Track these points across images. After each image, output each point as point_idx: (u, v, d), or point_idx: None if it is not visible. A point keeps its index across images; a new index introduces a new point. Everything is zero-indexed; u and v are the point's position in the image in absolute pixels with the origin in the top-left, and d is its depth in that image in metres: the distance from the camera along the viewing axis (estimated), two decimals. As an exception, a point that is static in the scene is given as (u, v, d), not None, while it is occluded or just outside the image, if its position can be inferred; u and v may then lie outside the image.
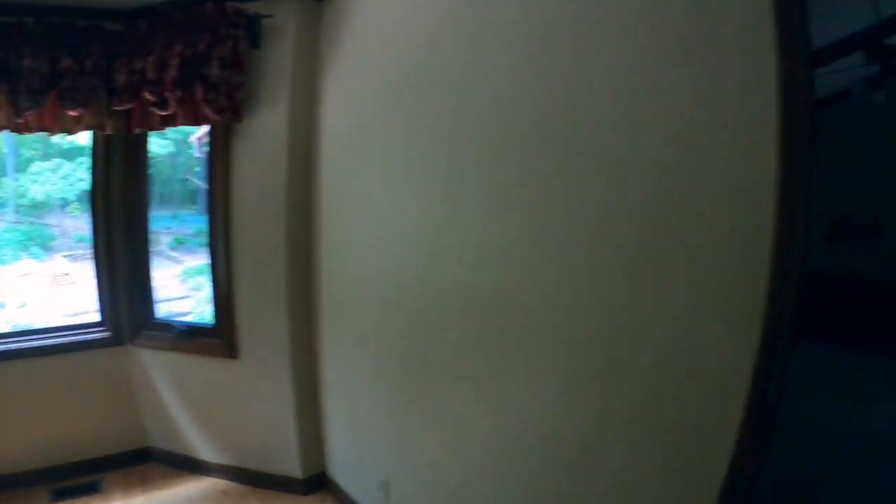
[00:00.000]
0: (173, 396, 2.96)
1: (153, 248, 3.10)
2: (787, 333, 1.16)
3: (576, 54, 1.45)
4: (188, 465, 3.03)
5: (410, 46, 2.03)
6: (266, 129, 2.51)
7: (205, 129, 3.06)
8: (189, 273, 4.22)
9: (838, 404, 4.42)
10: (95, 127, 2.58)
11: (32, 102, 2.39)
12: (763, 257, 1.12)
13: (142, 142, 2.92)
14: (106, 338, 2.95)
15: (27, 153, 6.88)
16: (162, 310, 3.55)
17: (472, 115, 1.78)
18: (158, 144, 3.86)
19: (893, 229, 6.22)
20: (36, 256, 6.21)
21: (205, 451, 2.99)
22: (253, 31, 2.46)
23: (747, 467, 1.22)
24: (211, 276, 2.79)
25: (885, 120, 6.08)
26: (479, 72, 1.75)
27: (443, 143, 1.90)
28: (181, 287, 3.87)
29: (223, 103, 2.42)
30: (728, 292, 1.19)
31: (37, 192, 6.61)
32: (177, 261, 4.09)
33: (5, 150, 7.23)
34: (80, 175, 5.81)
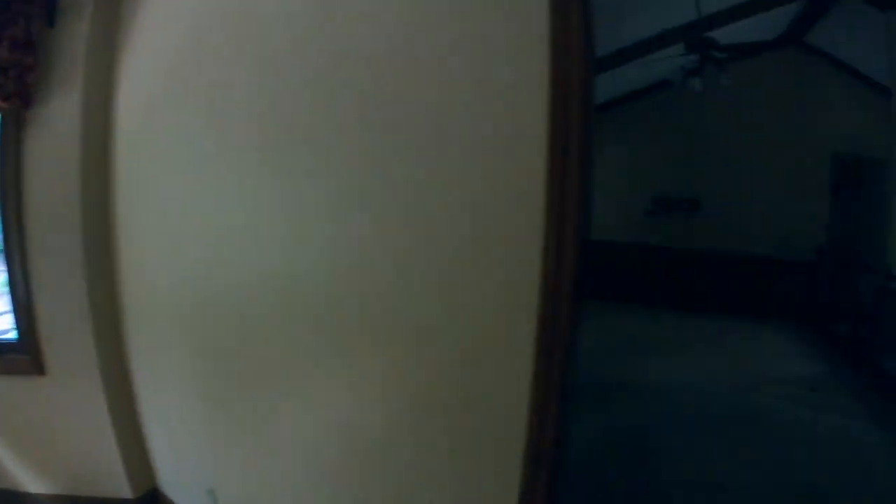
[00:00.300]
0: (-16, 425, 2.60)
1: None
2: (567, 303, 1.20)
3: (367, 33, 1.43)
4: (14, 502, 2.69)
5: (203, 23, 1.90)
6: (59, 116, 2.25)
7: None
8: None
9: (669, 363, 4.85)
10: None
11: None
12: (536, 233, 1.15)
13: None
14: None
15: None
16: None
17: (272, 94, 1.69)
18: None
19: (711, 204, 6.99)
20: None
21: (29, 482, 2.67)
22: (49, 8, 2.20)
23: (546, 424, 1.27)
24: (9, 284, 2.48)
25: (702, 105, 6.72)
26: (273, 50, 1.67)
27: (238, 131, 1.80)
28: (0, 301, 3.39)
29: (11, 88, 2.14)
30: (508, 272, 1.23)
31: None
32: (-6, 272, 3.57)
33: None
34: None
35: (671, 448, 3.23)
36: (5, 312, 3.80)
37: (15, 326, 2.50)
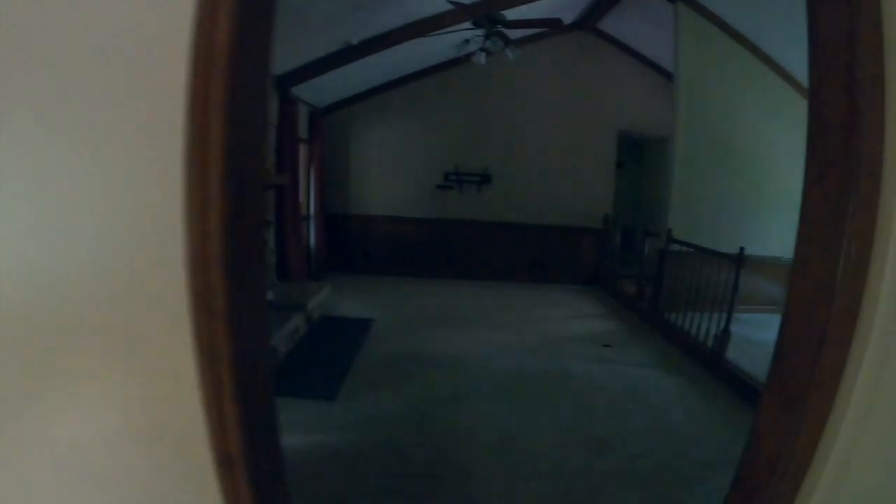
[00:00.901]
0: None
1: None
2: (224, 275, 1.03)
3: None
4: None
5: None
6: None
7: None
8: None
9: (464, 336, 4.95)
10: None
11: None
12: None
13: None
14: None
15: None
16: None
17: None
18: None
19: (502, 177, 7.39)
20: None
21: None
22: None
23: (227, 425, 1.12)
24: None
25: (493, 82, 7.08)
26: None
27: None
28: None
29: None
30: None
31: None
32: None
33: None
34: None
35: (469, 412, 3.30)
36: None
37: None
